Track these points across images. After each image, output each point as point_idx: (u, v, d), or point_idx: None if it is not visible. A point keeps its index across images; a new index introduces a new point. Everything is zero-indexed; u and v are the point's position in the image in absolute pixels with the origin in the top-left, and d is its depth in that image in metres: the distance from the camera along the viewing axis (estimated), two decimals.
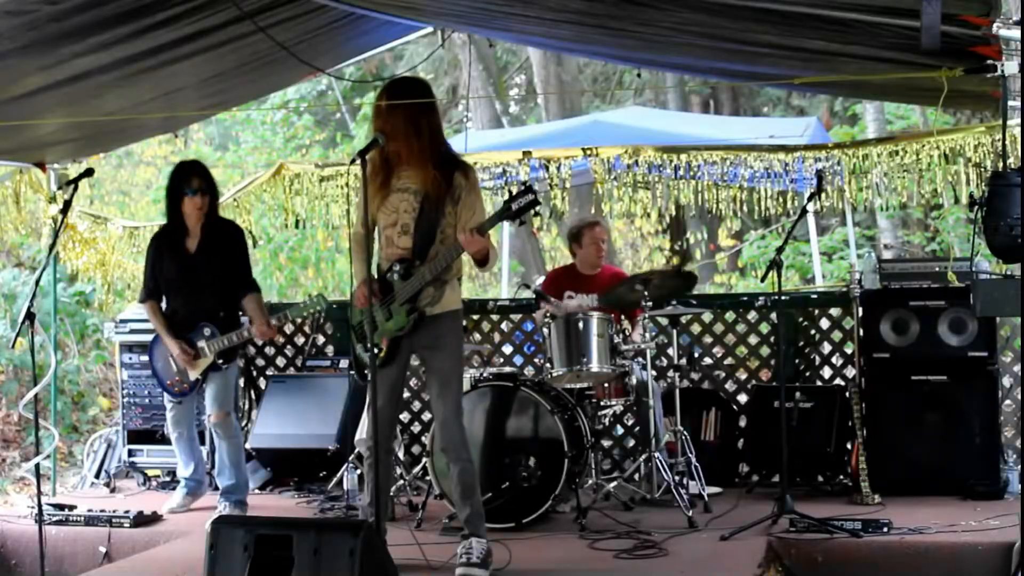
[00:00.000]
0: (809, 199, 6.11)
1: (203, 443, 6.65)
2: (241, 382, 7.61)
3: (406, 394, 7.47)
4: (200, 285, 5.94)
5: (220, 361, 5.94)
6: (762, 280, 9.09)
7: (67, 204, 5.21)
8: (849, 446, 6.34)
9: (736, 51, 5.09)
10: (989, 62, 4.18)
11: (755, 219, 11.56)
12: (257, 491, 6.88)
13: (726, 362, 7.31)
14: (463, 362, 4.97)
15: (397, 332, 4.69)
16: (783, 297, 5.98)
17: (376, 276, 4.75)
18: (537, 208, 4.55)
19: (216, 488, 6.22)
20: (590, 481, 6.00)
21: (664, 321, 6.74)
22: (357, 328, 4.86)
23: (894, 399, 6.21)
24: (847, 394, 6.39)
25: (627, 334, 6.21)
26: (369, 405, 4.81)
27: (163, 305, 6.09)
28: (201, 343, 5.93)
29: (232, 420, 6.05)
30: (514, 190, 4.65)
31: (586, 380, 5.98)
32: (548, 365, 5.94)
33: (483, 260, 4.62)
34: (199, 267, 5.95)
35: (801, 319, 7.01)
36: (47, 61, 5.19)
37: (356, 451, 6.31)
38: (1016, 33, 3.92)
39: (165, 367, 6.08)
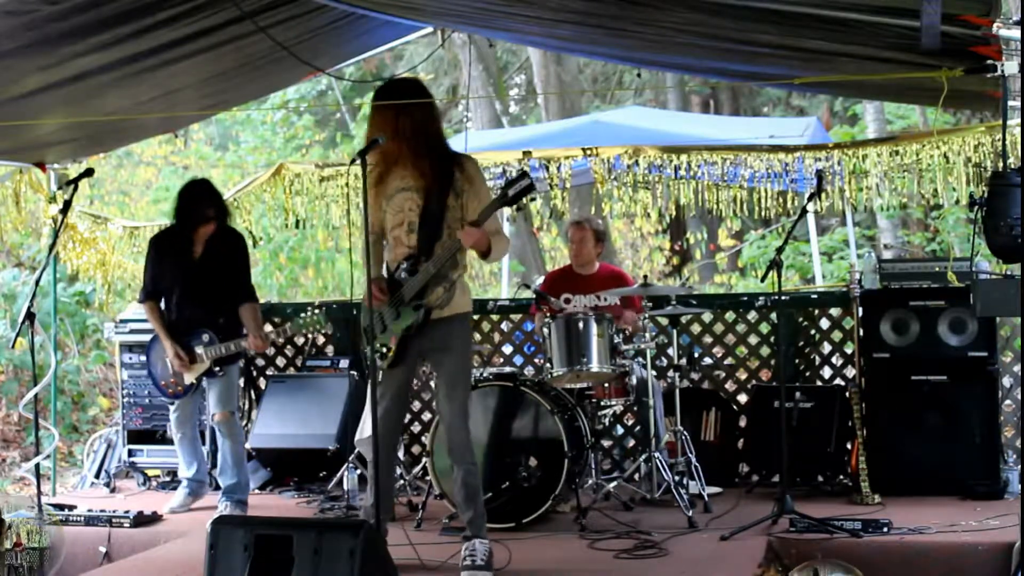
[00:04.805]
0: (809, 199, 6.11)
1: (204, 443, 6.66)
2: (241, 382, 7.62)
3: None
4: (202, 291, 5.97)
5: (217, 368, 5.96)
6: (762, 280, 9.10)
7: (67, 204, 5.23)
8: (849, 446, 6.34)
9: (736, 51, 5.09)
10: (989, 62, 4.17)
11: (755, 219, 11.55)
12: (257, 491, 6.88)
13: (726, 362, 7.31)
14: (471, 365, 4.94)
15: (406, 330, 4.68)
16: (783, 297, 5.99)
17: (386, 276, 4.76)
18: (533, 194, 4.54)
19: (217, 487, 6.23)
20: (590, 481, 6.00)
21: (664, 321, 6.74)
22: (367, 330, 4.85)
23: (894, 399, 6.21)
24: (847, 394, 6.39)
25: (626, 334, 6.22)
26: (378, 402, 4.77)
27: (162, 307, 6.11)
28: (199, 349, 5.95)
29: (235, 419, 6.08)
30: (513, 175, 4.65)
31: (586, 380, 5.98)
32: (548, 365, 5.94)
33: (485, 252, 4.63)
34: (202, 274, 5.98)
35: (801, 319, 7.01)
36: (47, 61, 5.19)
37: (356, 451, 6.32)
38: (1016, 33, 3.92)
39: (162, 368, 6.10)
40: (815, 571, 4.46)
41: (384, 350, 4.69)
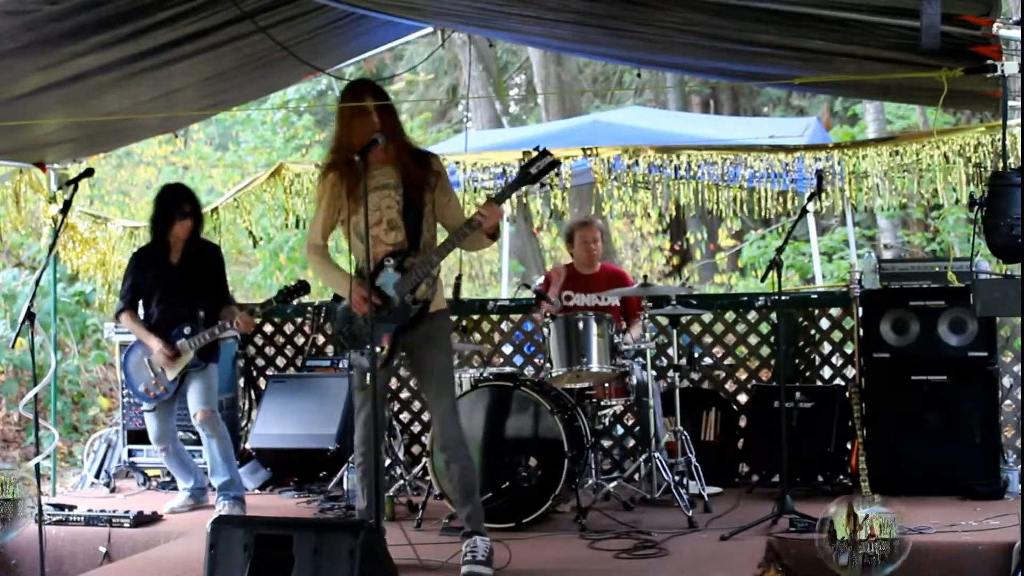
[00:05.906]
0: (809, 199, 6.11)
1: (200, 443, 6.65)
2: (241, 382, 7.63)
3: (406, 394, 7.49)
4: (181, 292, 6.06)
5: (199, 360, 5.99)
6: (762, 280, 9.10)
7: (67, 204, 5.22)
8: (849, 446, 6.34)
9: (736, 51, 5.09)
10: (989, 62, 4.18)
11: (755, 219, 11.55)
12: (257, 491, 6.89)
13: (726, 362, 7.31)
14: (454, 361, 4.97)
15: (400, 323, 4.66)
16: (783, 297, 5.99)
17: (364, 278, 4.61)
18: (558, 169, 4.48)
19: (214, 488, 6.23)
20: (590, 481, 6.00)
21: (664, 321, 6.74)
22: (345, 333, 4.78)
23: (894, 399, 6.21)
24: (847, 394, 6.38)
25: (624, 333, 6.22)
26: (361, 408, 4.78)
27: (140, 313, 6.19)
28: (180, 341, 5.99)
29: (217, 417, 6.10)
30: (533, 154, 4.60)
31: (586, 380, 5.98)
32: (548, 365, 5.94)
33: (495, 232, 4.67)
34: (181, 276, 6.08)
35: (801, 319, 7.01)
36: (47, 61, 5.19)
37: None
38: (1016, 33, 3.93)
39: (144, 373, 6.12)
40: (850, 505, 4.42)
41: (377, 349, 4.65)
